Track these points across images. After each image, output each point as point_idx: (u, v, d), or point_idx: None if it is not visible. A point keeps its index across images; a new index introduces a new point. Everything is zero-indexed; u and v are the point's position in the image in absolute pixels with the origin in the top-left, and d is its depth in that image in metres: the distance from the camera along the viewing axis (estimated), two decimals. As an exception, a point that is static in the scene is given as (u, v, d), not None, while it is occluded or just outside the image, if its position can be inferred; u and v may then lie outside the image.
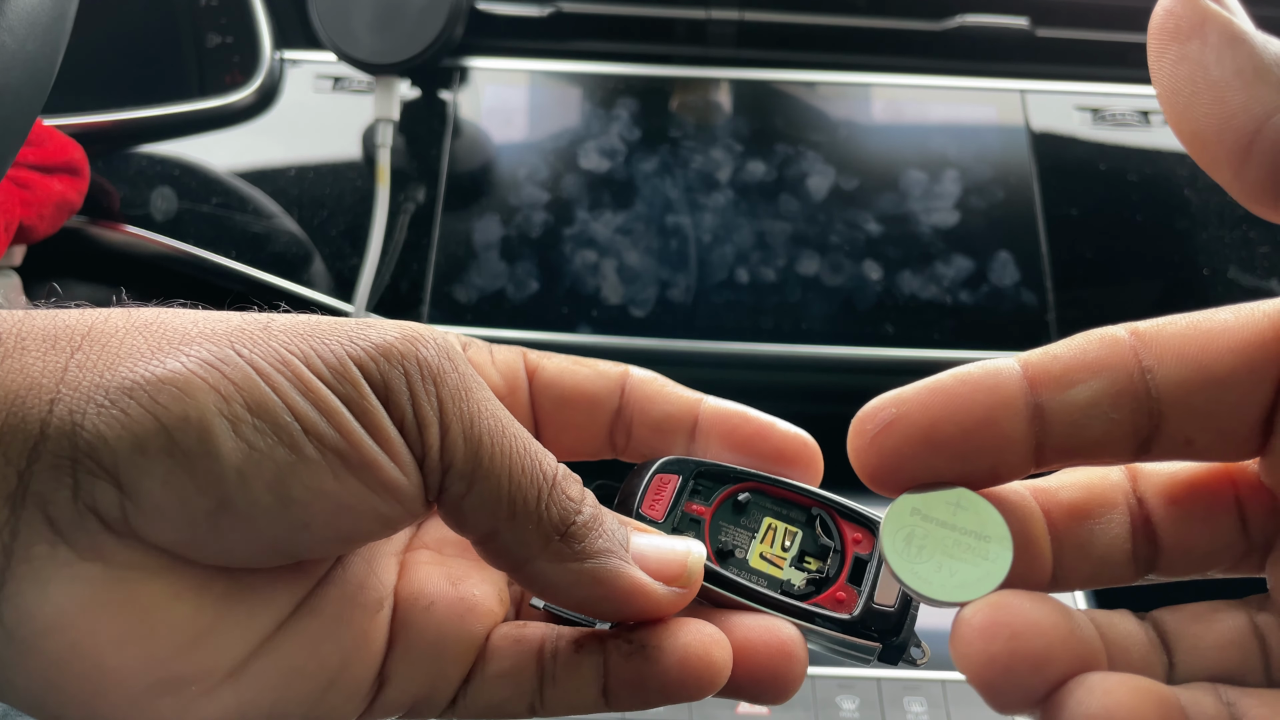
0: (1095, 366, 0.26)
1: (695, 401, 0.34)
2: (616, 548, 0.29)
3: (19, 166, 0.62)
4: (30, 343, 0.25)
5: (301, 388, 0.25)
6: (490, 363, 0.34)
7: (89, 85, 0.74)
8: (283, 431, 0.25)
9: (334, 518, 0.26)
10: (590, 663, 0.29)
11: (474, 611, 0.31)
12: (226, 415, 0.24)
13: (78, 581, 0.24)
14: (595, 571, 0.28)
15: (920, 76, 0.79)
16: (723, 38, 0.81)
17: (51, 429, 0.24)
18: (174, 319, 0.26)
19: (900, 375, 0.80)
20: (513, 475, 0.27)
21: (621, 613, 0.29)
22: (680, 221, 0.74)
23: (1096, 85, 0.79)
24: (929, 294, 0.72)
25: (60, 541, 0.24)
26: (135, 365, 0.24)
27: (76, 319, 0.26)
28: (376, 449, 0.26)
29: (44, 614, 0.24)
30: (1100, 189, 0.76)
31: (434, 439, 0.26)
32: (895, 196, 0.75)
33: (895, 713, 0.57)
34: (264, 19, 0.78)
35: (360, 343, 0.26)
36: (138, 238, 0.71)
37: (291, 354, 0.26)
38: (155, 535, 0.25)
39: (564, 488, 0.28)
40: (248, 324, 0.26)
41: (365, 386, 0.26)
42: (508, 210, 0.74)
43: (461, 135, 0.77)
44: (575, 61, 0.79)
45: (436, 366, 0.27)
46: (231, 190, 0.75)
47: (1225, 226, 0.74)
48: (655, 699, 0.29)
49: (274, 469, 0.25)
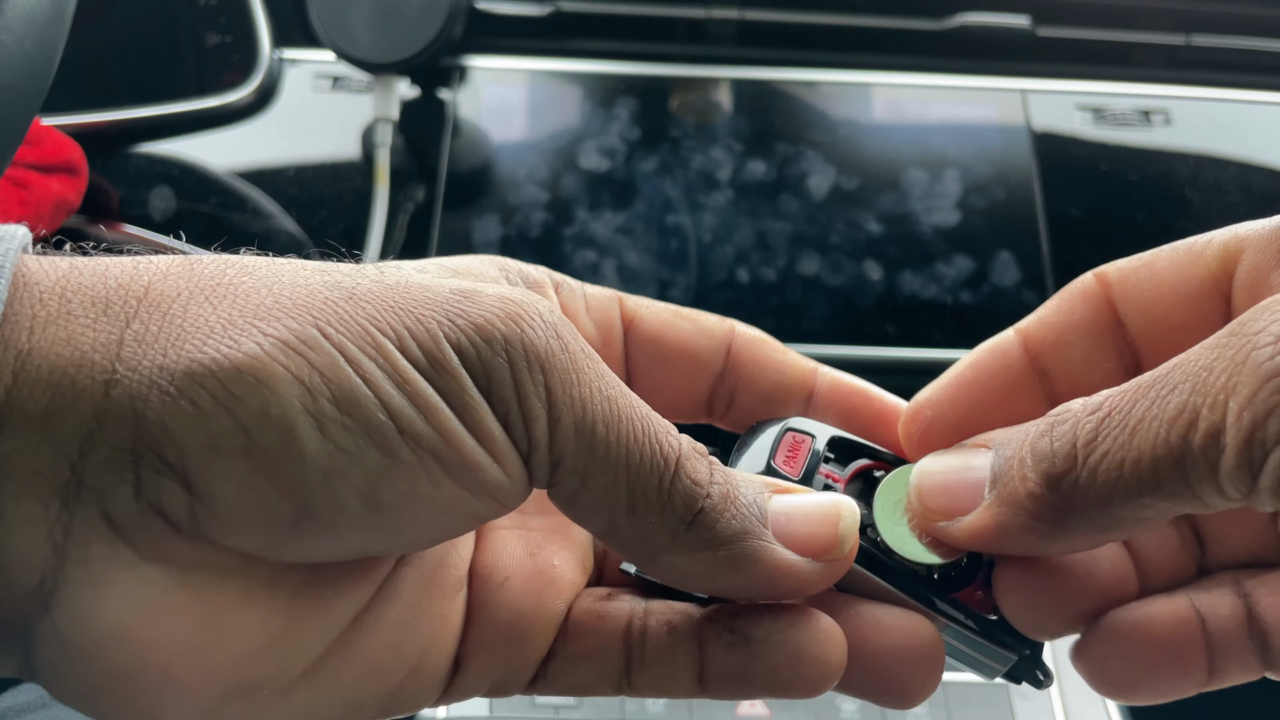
0: (1081, 325, 0.28)
1: (811, 371, 0.31)
2: (753, 526, 0.25)
3: (17, 166, 0.62)
4: (77, 306, 0.22)
5: (396, 378, 0.22)
6: (584, 309, 0.30)
7: (87, 84, 0.74)
8: (375, 431, 0.22)
9: (427, 522, 0.23)
10: (685, 648, 0.27)
11: (553, 586, 0.28)
12: (312, 411, 0.21)
13: (141, 586, 0.22)
14: (731, 559, 0.25)
15: (921, 76, 0.79)
16: (723, 37, 0.80)
17: (109, 416, 0.21)
18: (243, 278, 0.23)
19: (900, 375, 0.80)
20: (630, 466, 0.24)
21: (766, 596, 0.26)
22: (680, 221, 0.74)
23: (1098, 84, 0.79)
24: (930, 294, 0.71)
25: (120, 541, 0.21)
26: (204, 343, 0.21)
27: (130, 275, 0.23)
28: (479, 449, 0.23)
29: (104, 622, 0.21)
30: (1101, 189, 0.75)
31: (542, 433, 0.23)
32: (896, 196, 0.74)
33: (896, 713, 0.57)
34: (263, 18, 0.78)
35: (459, 321, 0.23)
36: (136, 237, 0.71)
37: (383, 334, 0.22)
38: (228, 540, 0.22)
39: (688, 470, 0.25)
40: (330, 289, 0.23)
41: (466, 378, 0.23)
42: (507, 210, 0.74)
43: (461, 135, 0.77)
44: (575, 61, 0.79)
45: (544, 349, 0.23)
46: (230, 190, 0.75)
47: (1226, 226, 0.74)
48: (757, 693, 0.27)
49: (364, 473, 0.22)
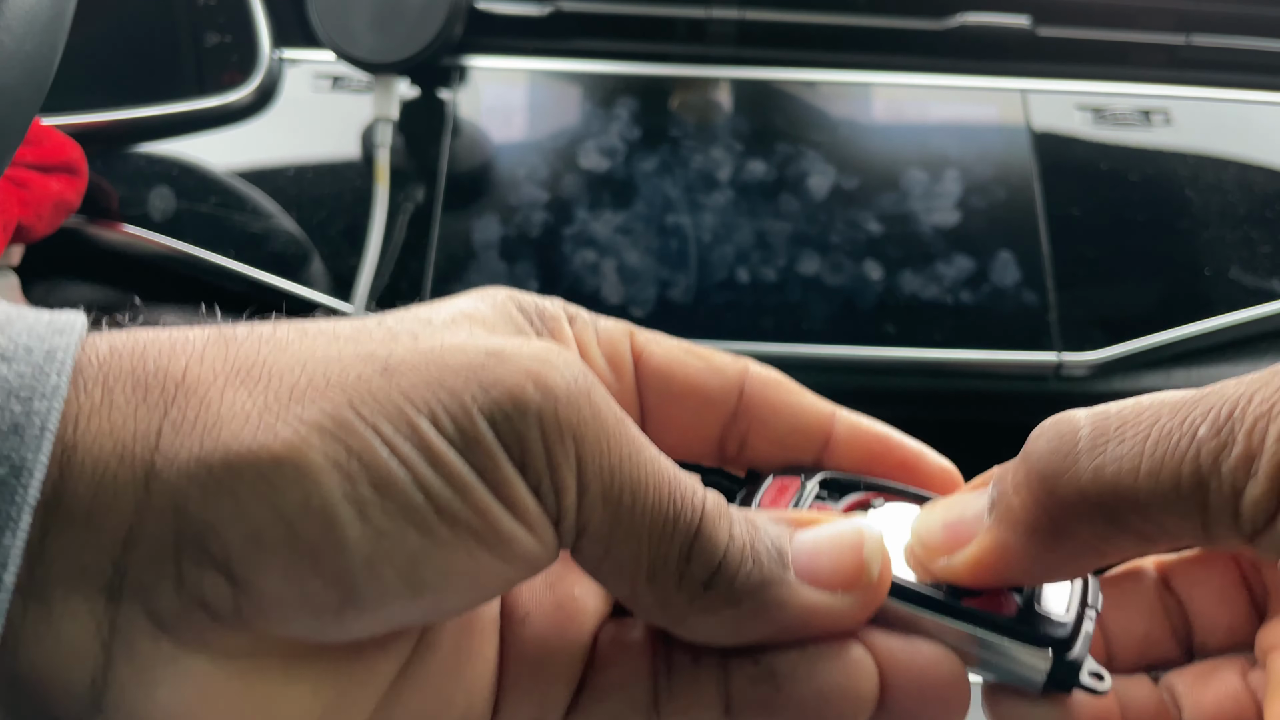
0: None
1: (828, 416, 0.30)
2: (773, 573, 0.25)
3: (17, 166, 0.62)
4: (118, 394, 0.22)
5: (431, 458, 0.22)
6: (595, 344, 0.30)
7: (87, 84, 0.74)
8: (414, 513, 0.22)
9: (465, 593, 0.24)
10: (710, 678, 0.26)
11: (575, 618, 0.28)
12: (351, 499, 0.21)
13: (187, 677, 0.22)
14: (755, 611, 0.25)
15: (921, 76, 0.79)
16: (723, 37, 0.80)
17: (150, 510, 0.21)
18: (279, 358, 0.23)
19: (901, 375, 0.79)
20: (653, 534, 0.24)
21: (804, 637, 0.26)
22: (680, 221, 0.73)
23: (1098, 84, 0.79)
24: (930, 294, 0.71)
25: (164, 635, 0.21)
26: (241, 431, 0.21)
27: (168, 358, 0.22)
28: (514, 523, 0.23)
29: (155, 716, 0.22)
30: (1102, 189, 0.75)
31: (570, 503, 0.23)
32: (896, 196, 0.74)
33: None
34: (263, 18, 0.78)
35: (493, 392, 0.23)
36: (136, 238, 0.71)
37: (418, 410, 0.22)
38: (274, 629, 0.22)
39: (711, 534, 0.24)
40: (363, 363, 0.23)
41: (500, 454, 0.23)
42: (507, 210, 0.74)
43: (461, 135, 0.77)
44: (575, 61, 0.79)
45: (575, 418, 0.23)
46: (230, 190, 0.75)
47: (1227, 226, 0.74)
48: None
49: (405, 555, 0.22)
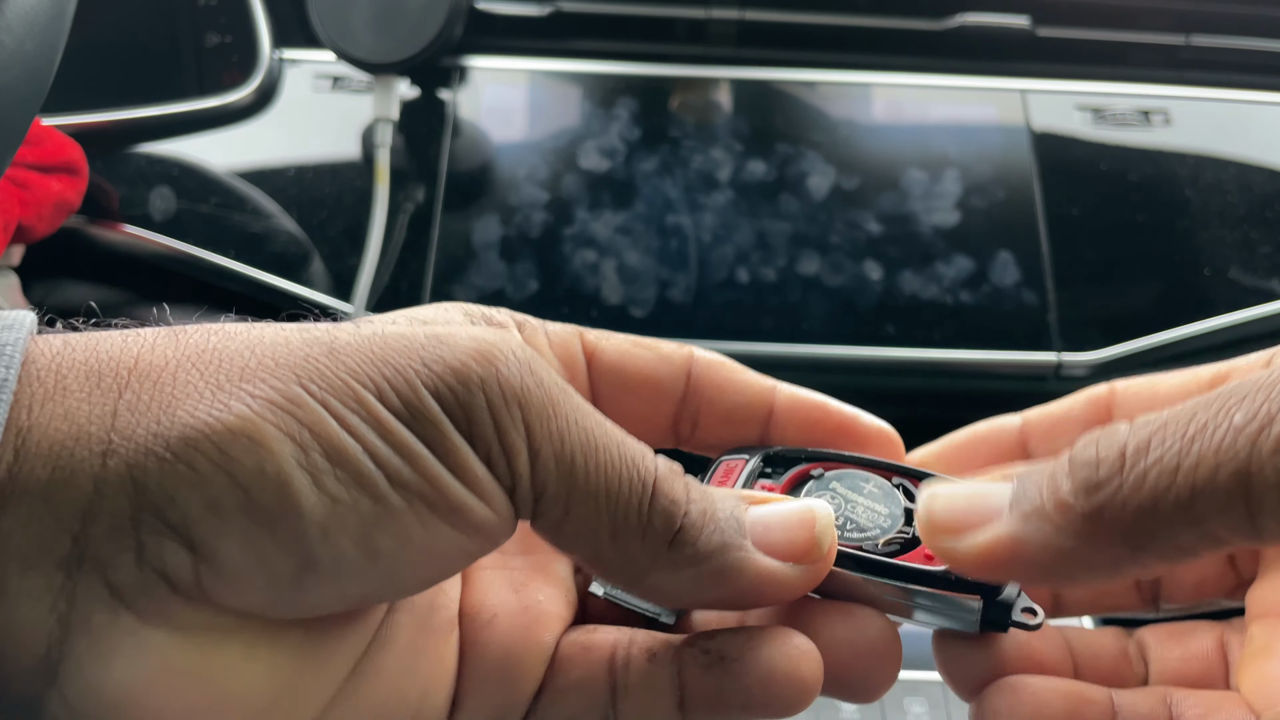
0: (1076, 422, 0.30)
1: (769, 390, 0.32)
2: (732, 538, 0.26)
3: (17, 166, 0.62)
4: (71, 381, 0.22)
5: (380, 429, 0.23)
6: (546, 346, 0.31)
7: (87, 84, 0.74)
8: (366, 481, 0.23)
9: (421, 564, 0.24)
10: (665, 674, 0.27)
11: (540, 621, 0.29)
12: (305, 466, 0.22)
13: (144, 650, 0.22)
14: (715, 572, 0.26)
15: (921, 76, 0.79)
16: (723, 37, 0.80)
17: (108, 485, 0.21)
18: (227, 344, 0.23)
19: (901, 375, 0.79)
20: (610, 492, 0.25)
21: (752, 604, 0.27)
22: (680, 221, 0.73)
23: (1097, 85, 0.79)
24: (930, 294, 0.71)
25: (122, 607, 0.22)
26: (195, 408, 0.22)
27: (120, 348, 0.23)
28: (464, 491, 0.24)
29: (110, 688, 0.22)
30: (1101, 189, 0.75)
31: (523, 467, 0.24)
32: (896, 196, 0.74)
33: (896, 714, 0.57)
34: (263, 18, 0.78)
35: (434, 366, 0.24)
36: (136, 238, 0.71)
37: (363, 386, 0.23)
38: (231, 599, 0.22)
39: (666, 490, 0.26)
40: (309, 345, 0.24)
41: (446, 423, 0.24)
42: (507, 210, 0.74)
43: (461, 135, 0.77)
44: (575, 61, 0.79)
45: (519, 386, 0.24)
46: (230, 190, 0.75)
47: (1226, 226, 0.74)
48: (736, 715, 0.27)
49: (359, 522, 0.23)
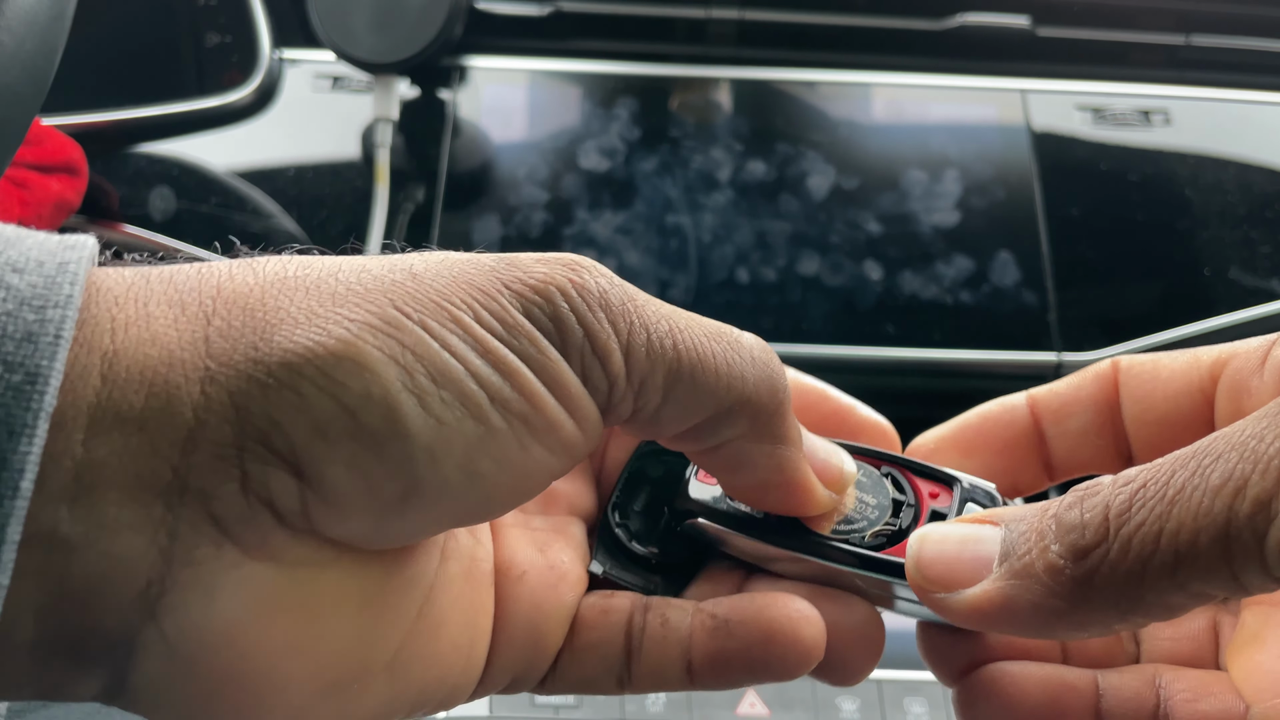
0: (1085, 401, 0.31)
1: None
2: (799, 439, 0.28)
3: (17, 166, 0.62)
4: (154, 308, 0.22)
5: (479, 348, 0.23)
6: None
7: (87, 84, 0.74)
8: (469, 401, 0.22)
9: (514, 486, 0.24)
10: (675, 638, 0.28)
11: (565, 580, 0.29)
12: (412, 389, 0.22)
13: (248, 585, 0.21)
14: (783, 459, 0.27)
15: (921, 76, 0.79)
16: (723, 37, 0.80)
17: (209, 413, 0.21)
18: (309, 273, 0.23)
19: (901, 375, 0.79)
20: (704, 370, 0.25)
21: (784, 505, 0.28)
22: (680, 221, 0.73)
23: (1098, 84, 0.79)
24: (930, 294, 0.71)
25: (226, 540, 0.21)
26: (293, 334, 0.21)
27: (197, 278, 0.23)
28: (559, 409, 0.24)
29: (212, 625, 0.21)
30: (1101, 189, 0.75)
31: (618, 366, 0.24)
32: (896, 196, 0.74)
33: (895, 714, 0.57)
34: (263, 18, 0.78)
35: (514, 286, 0.24)
36: (136, 238, 0.71)
37: (456, 307, 0.23)
38: (336, 527, 0.22)
39: (765, 370, 0.26)
40: (394, 274, 0.23)
41: (540, 338, 0.23)
42: (507, 210, 0.74)
43: (461, 135, 0.77)
44: (575, 61, 0.79)
45: (597, 289, 0.24)
46: (230, 190, 0.75)
47: (1226, 226, 0.74)
48: (740, 678, 0.27)
49: (464, 444, 0.22)
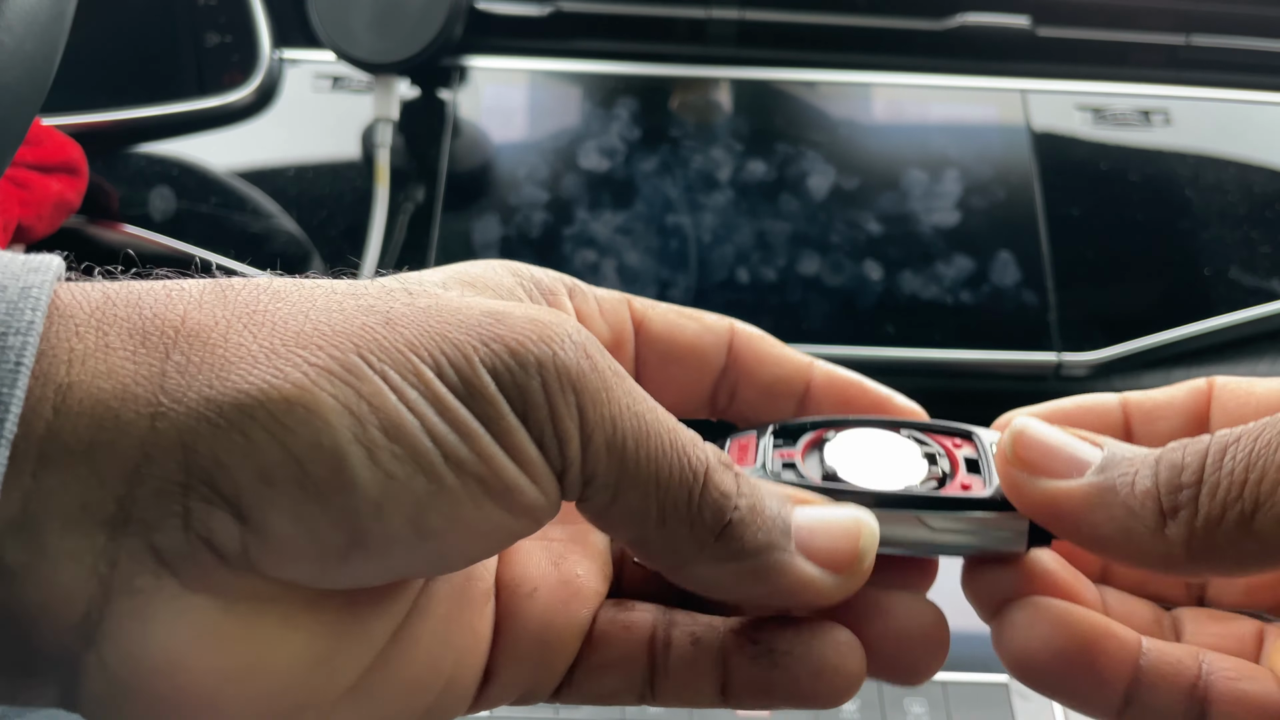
0: (1176, 409, 0.31)
1: (807, 365, 0.33)
2: (777, 538, 0.26)
3: (17, 166, 0.62)
4: (114, 338, 0.22)
5: (438, 405, 0.22)
6: (597, 313, 0.31)
7: (87, 84, 0.74)
8: (422, 458, 0.22)
9: (468, 544, 0.24)
10: (709, 660, 0.27)
11: (579, 595, 0.28)
12: (362, 440, 0.21)
13: (186, 616, 0.22)
14: (757, 570, 0.26)
15: (921, 76, 0.79)
16: (723, 37, 0.80)
17: (157, 449, 0.21)
18: (280, 307, 0.23)
19: (901, 375, 0.80)
20: (660, 480, 0.24)
21: (787, 606, 0.27)
22: (680, 221, 0.73)
23: (1098, 85, 0.79)
24: (930, 294, 0.71)
25: (166, 572, 0.21)
26: (249, 374, 0.21)
27: (164, 305, 0.22)
28: (518, 473, 0.23)
29: (149, 653, 0.22)
30: (1101, 189, 0.75)
31: (575, 453, 0.24)
32: (896, 196, 0.74)
33: (895, 714, 0.57)
34: (263, 18, 0.78)
35: (492, 345, 0.23)
36: (136, 238, 0.71)
37: (422, 360, 0.23)
38: (277, 571, 0.22)
39: (717, 483, 0.25)
40: (365, 314, 0.23)
41: (503, 403, 0.23)
42: (507, 210, 0.74)
43: (461, 135, 0.77)
44: (575, 61, 0.79)
45: (575, 369, 0.24)
46: (230, 190, 0.75)
47: (1227, 226, 0.74)
48: (780, 704, 0.27)
49: (412, 500, 0.22)
